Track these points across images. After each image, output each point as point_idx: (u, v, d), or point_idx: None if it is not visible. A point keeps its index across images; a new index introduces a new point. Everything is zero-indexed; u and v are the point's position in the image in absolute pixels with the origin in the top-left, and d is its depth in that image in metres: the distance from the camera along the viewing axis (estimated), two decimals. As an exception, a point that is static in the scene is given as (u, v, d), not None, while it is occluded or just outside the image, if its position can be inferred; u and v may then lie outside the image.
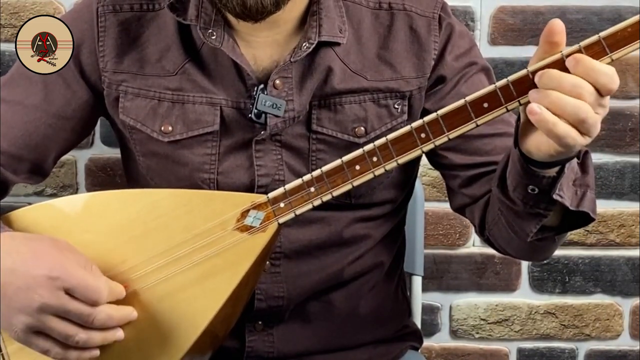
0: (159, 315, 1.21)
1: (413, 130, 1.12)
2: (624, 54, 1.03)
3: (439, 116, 1.11)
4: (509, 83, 1.07)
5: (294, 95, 1.33)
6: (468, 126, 1.10)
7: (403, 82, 1.36)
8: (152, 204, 1.24)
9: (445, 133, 1.11)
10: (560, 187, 1.15)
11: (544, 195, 1.16)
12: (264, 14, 1.26)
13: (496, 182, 1.24)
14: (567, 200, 1.17)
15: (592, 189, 1.21)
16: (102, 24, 1.37)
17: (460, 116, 1.10)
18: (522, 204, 1.19)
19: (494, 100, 1.08)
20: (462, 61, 1.39)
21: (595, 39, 1.03)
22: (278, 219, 1.20)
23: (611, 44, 1.03)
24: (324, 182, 1.18)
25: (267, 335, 1.40)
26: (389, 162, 1.15)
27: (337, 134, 1.35)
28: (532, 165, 1.13)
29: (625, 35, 1.02)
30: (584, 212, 1.20)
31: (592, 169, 1.21)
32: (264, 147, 1.35)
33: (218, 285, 1.20)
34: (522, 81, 1.06)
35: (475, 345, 2.04)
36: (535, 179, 1.15)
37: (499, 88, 1.07)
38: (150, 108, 1.36)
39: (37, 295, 1.14)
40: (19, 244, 1.18)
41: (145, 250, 1.22)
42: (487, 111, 1.09)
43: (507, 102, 1.08)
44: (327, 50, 1.34)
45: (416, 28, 1.38)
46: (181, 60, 1.35)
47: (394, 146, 1.14)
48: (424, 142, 1.12)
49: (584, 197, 1.20)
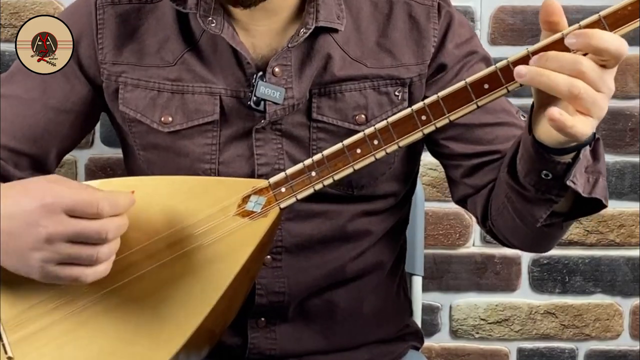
0: (159, 303, 1.20)
1: (414, 112, 1.12)
2: (624, 32, 1.03)
3: (439, 98, 1.11)
4: (509, 64, 1.07)
5: (293, 83, 1.33)
6: (469, 107, 1.10)
7: (403, 69, 1.37)
8: (153, 190, 1.24)
9: (445, 114, 1.11)
10: (574, 174, 1.15)
11: (557, 181, 1.16)
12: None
13: (506, 168, 1.23)
14: (580, 187, 1.17)
15: (604, 175, 1.21)
16: (101, 17, 1.38)
17: (461, 97, 1.10)
18: (533, 189, 1.18)
19: (494, 81, 1.08)
20: (463, 49, 1.39)
21: (595, 17, 1.04)
22: (279, 203, 1.20)
23: (611, 23, 1.03)
24: (325, 166, 1.18)
25: (270, 332, 1.40)
26: (390, 144, 1.14)
27: (338, 122, 1.35)
28: (548, 152, 1.13)
29: (625, 14, 1.02)
30: (596, 198, 1.20)
31: (603, 156, 1.21)
32: (264, 136, 1.35)
33: (220, 271, 1.19)
34: (522, 61, 1.06)
35: (475, 345, 2.04)
36: (550, 165, 1.14)
37: (500, 69, 1.07)
38: (150, 99, 1.36)
39: (40, 227, 1.11)
40: (7, 189, 1.17)
41: (146, 236, 1.21)
42: (487, 92, 1.09)
43: (507, 83, 1.08)
44: (326, 37, 1.35)
45: (415, 16, 1.38)
46: (180, 50, 1.36)
47: (395, 129, 1.14)
48: (424, 124, 1.12)
49: (596, 184, 1.20)
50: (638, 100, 1.94)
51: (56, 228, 1.11)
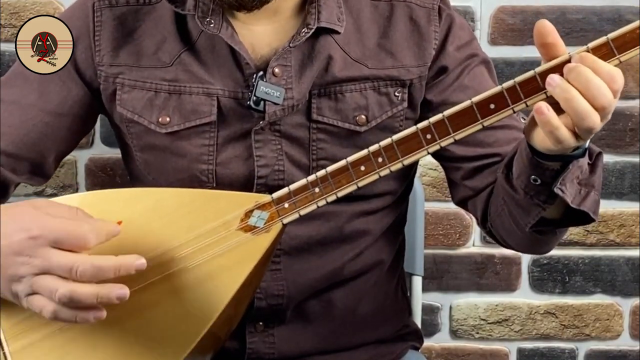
0: (162, 315, 1.21)
1: (419, 130, 1.12)
2: (632, 55, 1.03)
3: (445, 117, 1.10)
4: (515, 84, 1.06)
5: (293, 83, 1.33)
6: (474, 127, 1.10)
7: (404, 71, 1.37)
8: (155, 203, 1.23)
9: (451, 134, 1.10)
10: (563, 182, 1.15)
11: (545, 187, 1.17)
12: (255, 2, 1.27)
13: (502, 168, 1.25)
14: (569, 196, 1.17)
15: (598, 190, 1.21)
16: (99, 19, 1.38)
17: (466, 117, 1.09)
18: (523, 192, 1.19)
19: (500, 101, 1.08)
20: (463, 52, 1.39)
21: (604, 40, 1.03)
22: (282, 219, 1.20)
23: (619, 46, 1.03)
24: (328, 183, 1.17)
25: (268, 336, 1.40)
26: (394, 162, 1.14)
27: (338, 123, 1.35)
28: (537, 156, 1.14)
29: (633, 37, 1.02)
30: (584, 211, 1.21)
31: (600, 170, 1.21)
32: (263, 138, 1.34)
33: (222, 286, 1.19)
34: (529, 82, 1.06)
35: (475, 345, 2.04)
36: (539, 170, 1.15)
37: (506, 89, 1.07)
38: (147, 99, 1.36)
39: (22, 258, 1.11)
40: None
41: (149, 249, 1.21)
42: (493, 112, 1.09)
43: (513, 104, 1.07)
44: (327, 38, 1.34)
45: (416, 18, 1.38)
46: (177, 50, 1.36)
47: (400, 147, 1.13)
48: (429, 142, 1.12)
49: (587, 197, 1.20)
50: (638, 100, 1.94)
51: (35, 260, 1.10)
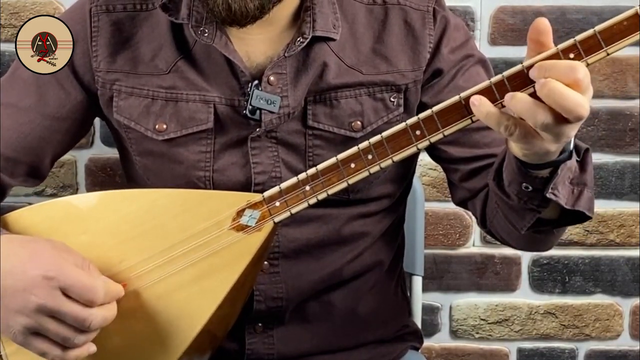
0: (157, 315, 1.21)
1: (408, 127, 1.12)
2: (620, 47, 1.02)
3: (433, 113, 1.10)
4: (504, 78, 1.06)
5: (289, 91, 1.33)
6: (463, 122, 1.09)
7: (399, 75, 1.36)
8: (149, 204, 1.24)
9: (440, 130, 1.10)
10: (555, 186, 1.15)
11: (538, 192, 1.16)
12: (248, 19, 1.26)
13: (492, 175, 1.24)
14: (563, 199, 1.17)
15: (590, 187, 1.21)
16: (96, 24, 1.38)
17: (455, 112, 1.09)
18: (516, 198, 1.19)
19: (489, 95, 1.07)
20: (458, 54, 1.39)
21: (591, 32, 1.02)
22: (274, 217, 1.20)
23: (607, 38, 1.02)
24: (319, 180, 1.17)
25: (267, 337, 1.40)
26: (384, 159, 1.14)
27: (334, 129, 1.35)
28: (524, 166, 1.13)
29: (621, 29, 1.01)
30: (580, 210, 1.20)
31: (590, 167, 1.21)
32: (259, 144, 1.34)
33: (215, 285, 1.20)
34: (517, 76, 1.05)
35: (475, 345, 2.04)
36: (528, 178, 1.15)
37: (494, 84, 1.06)
38: (144, 107, 1.36)
39: (33, 296, 1.14)
40: (16, 247, 1.19)
41: (142, 250, 1.22)
42: None
43: (502, 98, 1.07)
44: (322, 46, 1.34)
45: (411, 22, 1.38)
46: (173, 58, 1.36)
47: (389, 143, 1.13)
48: (419, 139, 1.12)
49: (580, 196, 1.20)
50: (638, 100, 1.93)
51: (47, 301, 1.14)
